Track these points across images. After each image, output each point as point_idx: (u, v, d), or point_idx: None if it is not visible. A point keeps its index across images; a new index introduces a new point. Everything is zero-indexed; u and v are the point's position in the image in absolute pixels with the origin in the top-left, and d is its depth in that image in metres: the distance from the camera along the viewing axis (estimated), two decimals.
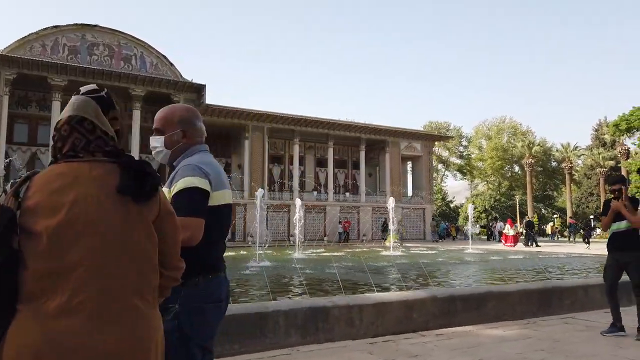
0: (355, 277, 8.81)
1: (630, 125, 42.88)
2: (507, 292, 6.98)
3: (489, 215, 65.81)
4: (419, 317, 6.12)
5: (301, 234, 31.28)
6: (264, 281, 8.21)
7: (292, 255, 15.62)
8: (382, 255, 16.17)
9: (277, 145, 36.39)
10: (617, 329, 5.53)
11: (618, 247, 5.52)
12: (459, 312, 6.43)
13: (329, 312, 5.55)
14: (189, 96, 29.56)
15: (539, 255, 17.62)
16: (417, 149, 39.10)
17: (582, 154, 75.60)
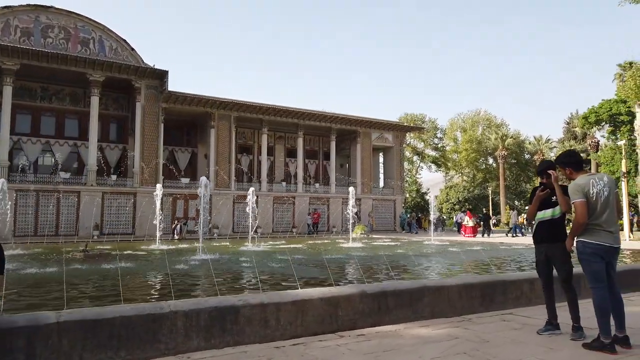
0: (296, 272, 8.25)
1: (599, 118, 43.29)
2: (445, 286, 6.48)
3: (462, 207, 66.33)
4: (345, 316, 5.58)
5: (267, 225, 30.79)
6: (191, 276, 7.59)
7: (246, 248, 14.97)
8: (341, 248, 15.66)
9: (246, 135, 35.52)
10: (553, 327, 5.09)
11: (544, 238, 5.07)
12: (391, 309, 5.91)
13: (239, 311, 4.95)
14: (151, 82, 28.45)
15: (500, 246, 17.40)
16: (389, 139, 38.72)
17: (554, 146, 76.67)
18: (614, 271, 4.63)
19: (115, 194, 27.34)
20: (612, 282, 4.58)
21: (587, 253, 4.48)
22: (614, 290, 4.56)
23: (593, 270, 4.49)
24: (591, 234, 4.49)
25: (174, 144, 33.22)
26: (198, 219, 29.58)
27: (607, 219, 4.50)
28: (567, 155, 4.88)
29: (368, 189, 36.83)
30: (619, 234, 4.63)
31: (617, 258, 4.66)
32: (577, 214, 4.44)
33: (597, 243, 4.45)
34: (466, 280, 6.91)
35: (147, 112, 28.39)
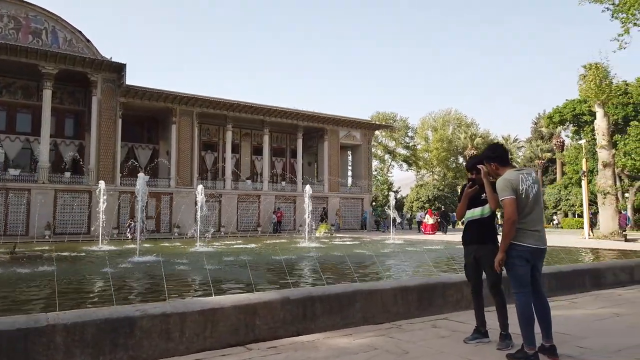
0: (231, 275, 7.74)
1: (563, 118, 44.08)
2: (379, 290, 6.06)
3: (432, 206, 66.81)
4: (264, 325, 5.09)
5: (231, 224, 30.04)
6: (112, 281, 6.97)
7: (195, 249, 14.31)
8: (296, 247, 15.20)
9: (211, 132, 34.66)
10: (481, 335, 4.72)
11: (473, 239, 4.69)
12: (318, 316, 5.45)
13: (135, 323, 4.39)
14: (108, 76, 27.34)
15: (457, 245, 17.24)
16: (357, 137, 38.44)
17: (522, 146, 78.11)
18: (540, 274, 4.29)
19: (69, 192, 26.16)
20: (538, 286, 4.23)
21: (513, 256, 4.11)
22: (540, 295, 4.22)
23: (517, 275, 4.11)
24: (517, 234, 4.12)
25: (134, 141, 32.09)
26: (159, 218, 28.70)
27: (535, 217, 4.14)
28: (491, 150, 4.50)
29: (335, 187, 36.47)
30: (545, 233, 4.29)
31: (543, 260, 4.32)
32: (507, 212, 4.03)
33: (523, 245, 4.08)
34: (402, 283, 6.52)
35: (104, 106, 27.28)
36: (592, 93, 24.12)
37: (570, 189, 49.51)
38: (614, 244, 19.47)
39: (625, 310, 6.19)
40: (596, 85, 23.88)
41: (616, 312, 6.10)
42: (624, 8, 19.27)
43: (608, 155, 23.82)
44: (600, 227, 24.25)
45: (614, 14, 19.73)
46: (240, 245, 16.01)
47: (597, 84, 23.86)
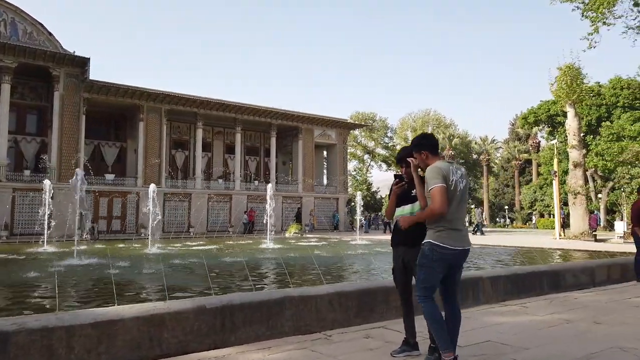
0: (168, 280, 7.14)
1: (537, 119, 44.37)
2: (313, 296, 5.52)
3: None
4: (172, 338, 4.49)
5: (201, 224, 29.29)
6: (27, 288, 6.31)
7: (145, 251, 13.60)
8: (256, 249, 14.60)
9: (181, 130, 33.79)
10: (410, 347, 4.22)
11: (402, 240, 4.18)
12: (239, 327, 4.88)
13: (9, 339, 3.77)
14: (71, 70, 26.32)
15: None
16: (332, 137, 37.98)
17: (499, 146, 78.79)
18: (459, 279, 3.86)
19: (28, 191, 25.07)
20: (454, 292, 3.80)
21: (433, 259, 3.63)
22: (454, 303, 3.79)
23: (431, 279, 3.64)
24: (441, 233, 3.64)
25: (100, 138, 31.06)
26: (125, 218, 27.77)
27: (459, 215, 3.67)
28: (422, 137, 4.02)
29: (310, 187, 35.93)
30: (468, 233, 3.84)
31: (464, 262, 3.87)
32: (436, 201, 3.52)
33: (447, 247, 3.60)
34: (340, 288, 5.99)
35: (66, 102, 26.25)
36: (563, 93, 24.08)
37: (545, 190, 49.90)
38: (583, 244, 19.36)
39: (577, 316, 5.79)
40: (567, 85, 23.85)
41: (568, 318, 5.70)
42: (593, 7, 19.19)
43: (579, 155, 23.80)
44: (570, 228, 24.22)
45: (583, 12, 19.63)
46: (200, 247, 15.33)
47: (568, 84, 23.82)
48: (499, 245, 16.12)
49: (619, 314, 5.94)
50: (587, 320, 5.56)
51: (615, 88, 39.84)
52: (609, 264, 9.70)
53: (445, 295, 3.81)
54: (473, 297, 7.02)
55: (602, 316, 5.78)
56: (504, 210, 70.52)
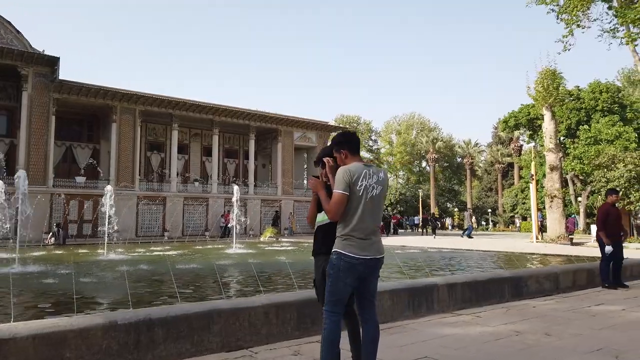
0: (95, 291, 6.66)
1: (518, 122, 44.53)
2: (245, 308, 5.10)
3: (395, 209, 66.78)
4: (77, 359, 4.04)
5: (176, 227, 28.63)
6: None
7: (100, 257, 12.99)
8: (221, 254, 14.11)
9: (157, 131, 33.09)
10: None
11: (321, 249, 3.79)
12: (159, 344, 4.43)
13: None
14: (40, 70, 25.54)
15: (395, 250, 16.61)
16: (312, 139, 37.58)
17: (482, 150, 79.18)
18: (374, 292, 3.48)
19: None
20: (369, 307, 3.42)
21: (340, 269, 3.27)
22: (371, 319, 3.42)
23: (339, 291, 3.28)
24: (350, 242, 3.28)
25: (72, 139, 30.23)
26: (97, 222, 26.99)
27: (369, 224, 3.31)
28: (342, 135, 3.64)
29: (289, 190, 35.47)
30: (381, 241, 3.46)
31: (378, 272, 3.49)
32: (332, 206, 3.23)
33: (353, 256, 3.24)
34: (278, 299, 5.56)
35: (35, 102, 25.46)
36: (539, 96, 24.02)
37: (527, 193, 50.04)
38: (558, 248, 19.22)
39: (529, 327, 5.45)
40: (544, 88, 23.79)
41: (519, 329, 5.35)
42: (567, 9, 19.13)
43: (555, 158, 23.74)
44: (547, 231, 24.12)
45: (558, 15, 19.59)
46: (163, 252, 14.78)
47: (544, 87, 23.77)
48: (470, 250, 15.85)
49: (575, 324, 5.63)
50: (538, 331, 5.23)
51: (594, 92, 40.14)
52: (575, 269, 9.42)
53: (360, 310, 3.45)
54: (427, 306, 6.66)
55: (556, 327, 5.46)
56: (487, 214, 70.77)
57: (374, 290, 3.45)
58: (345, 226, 3.29)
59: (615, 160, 23.46)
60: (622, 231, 9.33)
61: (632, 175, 22.34)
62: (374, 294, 3.44)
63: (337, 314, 3.29)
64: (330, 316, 3.28)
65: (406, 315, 6.33)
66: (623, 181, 22.68)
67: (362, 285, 3.36)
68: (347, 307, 3.68)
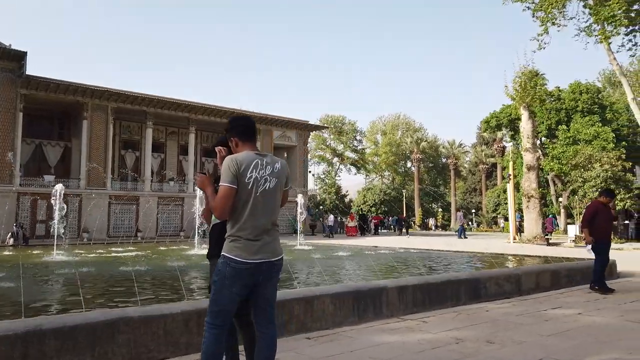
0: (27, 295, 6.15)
1: (499, 122, 44.52)
2: (158, 316, 4.61)
3: (379, 209, 66.52)
4: None
5: (150, 228, 27.94)
6: None
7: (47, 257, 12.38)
8: (180, 255, 13.54)
9: (132, 129, 32.29)
10: None
11: (215, 251, 3.34)
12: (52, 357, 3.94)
13: None
14: (7, 65, 24.66)
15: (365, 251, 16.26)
16: (292, 138, 37.08)
17: (467, 151, 79.36)
18: (272, 300, 3.02)
19: None
20: (266, 315, 2.96)
21: (226, 275, 2.81)
22: (266, 330, 2.96)
23: (223, 301, 2.82)
24: (237, 244, 2.82)
25: (42, 137, 29.32)
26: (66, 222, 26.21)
27: (261, 221, 2.85)
28: (232, 120, 3.19)
29: None
30: (278, 241, 3.00)
31: (276, 279, 3.03)
32: (217, 202, 2.78)
33: (241, 260, 2.78)
34: (204, 305, 5.08)
35: (1, 98, 24.61)
36: (517, 95, 23.84)
37: None
38: (533, 248, 19.01)
39: (473, 334, 5.05)
40: (521, 87, 23.61)
41: (462, 336, 4.94)
42: (543, 7, 18.91)
43: (532, 158, 23.56)
44: (524, 231, 23.94)
45: (534, 13, 19.36)
46: (121, 254, 14.17)
47: (522, 86, 23.59)
48: (441, 250, 15.52)
49: (523, 330, 5.24)
50: (481, 338, 4.82)
51: (574, 92, 40.25)
52: (538, 270, 9.07)
53: (255, 321, 2.98)
54: (374, 311, 6.23)
55: (502, 333, 5.06)
56: (471, 214, 70.89)
57: (272, 298, 2.99)
58: (233, 225, 2.84)
59: (592, 160, 23.36)
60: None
61: (609, 175, 22.25)
62: (271, 303, 2.98)
63: (219, 327, 2.82)
64: (211, 329, 2.83)
65: (351, 321, 5.90)
66: (600, 181, 22.58)
67: (255, 294, 2.90)
68: (244, 317, 3.22)
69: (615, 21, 16.11)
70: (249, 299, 2.95)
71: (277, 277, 2.98)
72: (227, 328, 2.88)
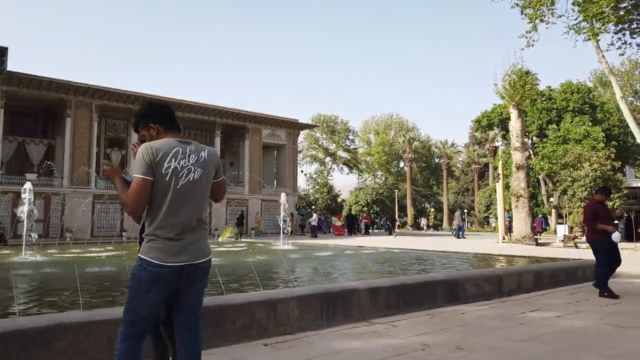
0: None
1: (490, 122, 44.42)
2: (99, 321, 4.24)
3: (371, 209, 66.27)
4: None
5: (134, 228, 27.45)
6: None
7: (14, 258, 11.92)
8: None
9: (118, 127, 31.79)
10: None
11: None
12: None
13: None
14: None
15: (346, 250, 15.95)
16: (282, 137, 36.71)
17: (459, 150, 79.31)
18: (197, 309, 2.68)
19: None
20: (190, 327, 2.61)
21: (142, 280, 2.46)
22: (190, 341, 2.61)
23: (138, 309, 2.47)
24: (154, 244, 2.47)
25: (25, 135, 28.75)
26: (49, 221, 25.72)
27: (183, 218, 2.49)
28: (149, 106, 2.81)
29: (257, 189, 34.55)
30: (205, 241, 2.66)
31: (203, 284, 2.68)
32: (129, 196, 2.43)
33: (158, 263, 2.43)
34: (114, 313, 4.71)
35: None
36: (507, 94, 23.64)
37: None
38: (522, 248, 18.79)
39: (443, 339, 4.73)
40: (510, 85, 23.41)
41: (430, 341, 4.63)
42: (532, 4, 18.68)
43: (522, 157, 23.36)
44: (513, 231, 23.74)
45: (522, 9, 19.13)
46: (97, 254, 13.75)
47: (511, 85, 23.39)
48: (426, 250, 15.24)
49: (497, 334, 4.93)
50: (450, 344, 4.51)
51: (565, 92, 40.19)
52: (520, 271, 8.80)
53: (177, 332, 2.62)
54: (344, 314, 5.90)
55: (473, 338, 4.75)
56: (463, 214, 70.85)
57: (196, 305, 2.63)
58: (150, 223, 2.49)
59: (581, 160, 23.19)
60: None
61: (597, 174, 22.09)
62: (195, 310, 2.62)
63: (133, 339, 2.47)
64: (123, 340, 2.48)
65: (318, 325, 5.57)
66: (589, 180, 22.41)
67: (176, 301, 2.56)
68: (163, 324, 2.88)
69: (603, 18, 15.90)
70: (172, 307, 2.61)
71: (204, 281, 2.64)
72: (143, 339, 2.53)
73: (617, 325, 5.37)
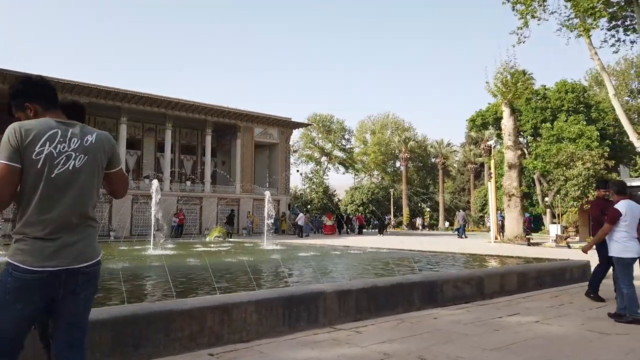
0: None
1: (485, 121, 44.08)
2: None
3: (367, 209, 65.92)
4: None
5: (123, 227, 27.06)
6: None
7: None
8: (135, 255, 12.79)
9: (107, 125, 31.28)
10: None
11: None
12: None
13: None
14: None
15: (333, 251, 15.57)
16: (274, 136, 36.30)
17: (455, 150, 79.01)
18: (81, 321, 2.26)
19: None
20: (72, 345, 2.21)
21: (8, 289, 2.04)
22: (69, 356, 2.20)
23: (4, 323, 2.03)
24: (22, 245, 2.08)
25: None
26: None
27: (60, 214, 2.09)
28: (22, 82, 2.36)
29: (249, 188, 34.12)
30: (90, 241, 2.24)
31: (90, 292, 2.24)
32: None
33: (32, 268, 2.02)
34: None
35: None
36: (499, 92, 23.30)
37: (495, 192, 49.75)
38: (512, 248, 18.47)
39: (407, 348, 4.35)
40: (502, 83, 23.07)
41: (392, 350, 4.24)
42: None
43: (514, 156, 23.03)
44: (505, 231, 23.40)
45: (513, 5, 18.79)
46: None
47: (503, 83, 23.05)
48: (412, 250, 14.85)
49: (466, 342, 4.55)
50: (412, 353, 4.12)
51: (560, 92, 39.83)
52: (503, 272, 8.41)
53: (56, 351, 2.19)
54: (308, 319, 5.50)
55: (439, 347, 4.37)
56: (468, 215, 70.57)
57: (79, 318, 2.20)
58: (19, 219, 2.08)
59: (574, 158, 22.86)
60: None
61: (590, 173, 21.76)
62: (78, 324, 2.19)
63: None
64: None
65: (279, 332, 5.17)
66: (582, 179, 22.08)
67: (53, 313, 2.15)
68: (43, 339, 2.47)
69: (594, 13, 15.55)
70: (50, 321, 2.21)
71: (89, 290, 2.20)
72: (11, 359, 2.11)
73: (599, 332, 5.00)
